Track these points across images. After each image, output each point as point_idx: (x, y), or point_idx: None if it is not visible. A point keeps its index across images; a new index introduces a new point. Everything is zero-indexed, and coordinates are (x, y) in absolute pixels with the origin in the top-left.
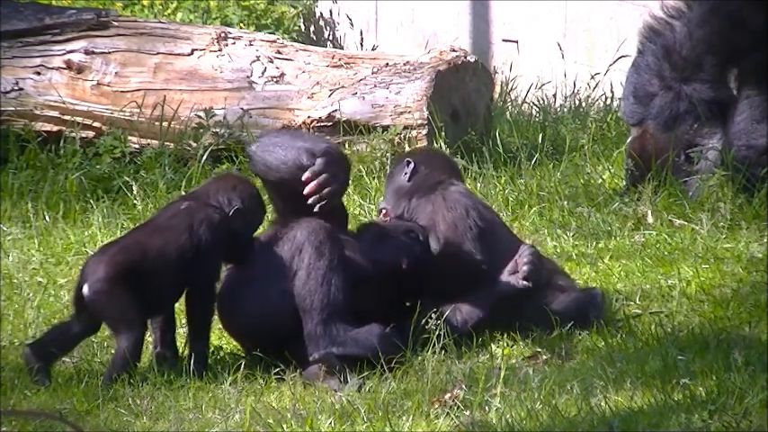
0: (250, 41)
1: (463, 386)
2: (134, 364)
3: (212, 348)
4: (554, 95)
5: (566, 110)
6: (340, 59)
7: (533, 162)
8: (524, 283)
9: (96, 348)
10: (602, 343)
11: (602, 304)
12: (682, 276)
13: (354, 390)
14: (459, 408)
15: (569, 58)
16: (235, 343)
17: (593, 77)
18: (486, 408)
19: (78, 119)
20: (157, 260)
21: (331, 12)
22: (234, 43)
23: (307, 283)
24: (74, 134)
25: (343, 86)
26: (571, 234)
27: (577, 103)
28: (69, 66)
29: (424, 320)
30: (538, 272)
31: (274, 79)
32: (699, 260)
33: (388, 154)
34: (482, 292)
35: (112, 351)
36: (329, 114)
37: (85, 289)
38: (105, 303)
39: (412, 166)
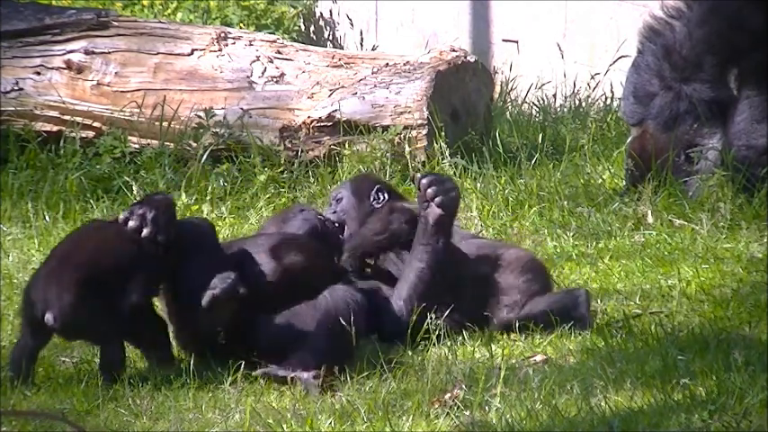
0: (250, 41)
1: (463, 386)
2: (122, 370)
3: None
4: (554, 95)
5: (566, 110)
6: (340, 59)
7: (533, 162)
8: (439, 211)
9: (96, 349)
10: (602, 343)
11: (587, 305)
12: (682, 276)
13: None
14: (459, 408)
15: (569, 58)
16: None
17: (593, 77)
18: (486, 408)
19: (78, 119)
20: (111, 278)
21: (331, 12)
22: (234, 43)
23: None
24: (74, 134)
25: (343, 86)
26: (571, 234)
27: (577, 103)
28: (69, 66)
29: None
30: (445, 192)
31: (274, 79)
32: (699, 260)
33: (389, 154)
34: (411, 255)
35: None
36: (329, 114)
37: (50, 317)
38: (78, 328)
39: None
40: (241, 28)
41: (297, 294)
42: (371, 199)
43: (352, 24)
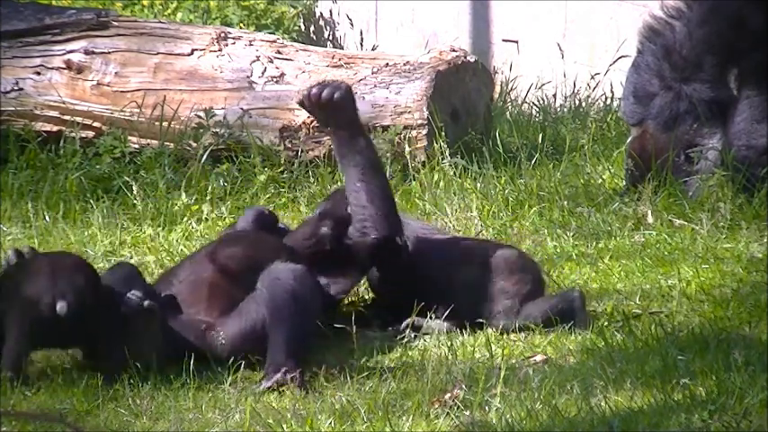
0: (250, 41)
1: (463, 386)
2: (122, 370)
3: None
4: (554, 95)
5: (566, 110)
6: (340, 59)
7: (533, 162)
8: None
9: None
10: (602, 343)
11: (583, 306)
12: (682, 276)
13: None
14: (459, 408)
15: (569, 58)
16: None
17: (593, 77)
18: (486, 408)
19: (78, 119)
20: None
21: (331, 12)
22: (234, 43)
23: None
24: (74, 134)
25: None
26: (571, 234)
27: (577, 103)
28: (69, 66)
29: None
30: (335, 88)
31: (274, 79)
32: (699, 260)
33: (389, 154)
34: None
35: None
36: None
37: (62, 306)
38: (89, 314)
39: None
40: (241, 28)
41: (248, 286)
42: (348, 210)
43: (352, 24)
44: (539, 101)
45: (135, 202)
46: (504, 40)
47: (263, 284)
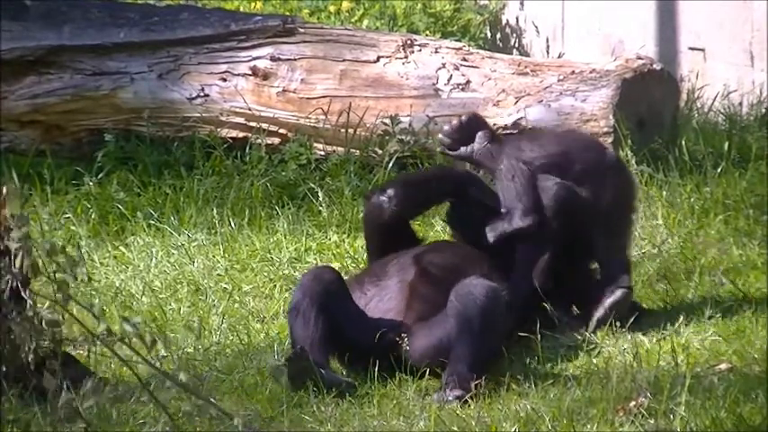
0: (436, 49)
1: (648, 394)
2: None
3: None
4: (740, 104)
5: (752, 118)
6: (526, 67)
7: (719, 170)
8: None
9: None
10: None
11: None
12: None
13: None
14: (643, 416)
15: (757, 66)
16: None
17: None
18: (671, 416)
19: (264, 125)
20: None
21: (517, 19)
22: (420, 50)
23: None
24: (259, 141)
25: (528, 94)
26: (757, 243)
27: (764, 111)
28: (255, 72)
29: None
30: None
31: (460, 86)
32: None
33: None
34: None
35: None
36: (515, 122)
37: None
38: None
39: None
40: (427, 35)
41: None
42: None
43: (538, 31)
44: (725, 109)
45: (320, 208)
46: (690, 48)
47: (455, 297)
